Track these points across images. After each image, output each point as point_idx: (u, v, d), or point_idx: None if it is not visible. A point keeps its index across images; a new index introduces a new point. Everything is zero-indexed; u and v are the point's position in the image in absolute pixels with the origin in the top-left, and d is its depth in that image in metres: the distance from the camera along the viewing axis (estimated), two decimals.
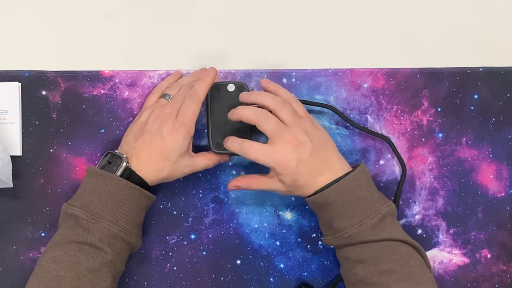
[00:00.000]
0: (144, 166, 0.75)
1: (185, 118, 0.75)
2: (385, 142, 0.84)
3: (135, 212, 0.75)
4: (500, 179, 0.85)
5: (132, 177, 0.74)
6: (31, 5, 0.86)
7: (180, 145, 0.75)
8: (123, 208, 0.73)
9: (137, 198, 0.74)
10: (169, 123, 0.75)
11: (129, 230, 0.74)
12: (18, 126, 0.83)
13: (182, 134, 0.75)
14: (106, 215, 0.72)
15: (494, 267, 0.84)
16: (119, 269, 0.74)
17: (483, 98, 0.86)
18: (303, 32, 0.87)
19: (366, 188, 0.74)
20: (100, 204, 0.73)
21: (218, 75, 0.85)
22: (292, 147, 0.73)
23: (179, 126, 0.75)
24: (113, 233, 0.72)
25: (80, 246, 0.71)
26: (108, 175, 0.74)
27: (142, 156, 0.75)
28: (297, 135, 0.73)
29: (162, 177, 0.76)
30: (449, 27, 0.88)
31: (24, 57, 0.85)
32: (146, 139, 0.76)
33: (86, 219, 0.72)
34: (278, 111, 0.75)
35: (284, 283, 0.83)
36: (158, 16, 0.87)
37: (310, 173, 0.73)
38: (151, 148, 0.75)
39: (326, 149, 0.75)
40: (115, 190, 0.73)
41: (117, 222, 0.73)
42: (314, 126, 0.76)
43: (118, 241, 0.73)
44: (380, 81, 0.86)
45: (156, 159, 0.75)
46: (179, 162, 0.76)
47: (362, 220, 0.72)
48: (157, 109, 0.77)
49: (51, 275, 0.69)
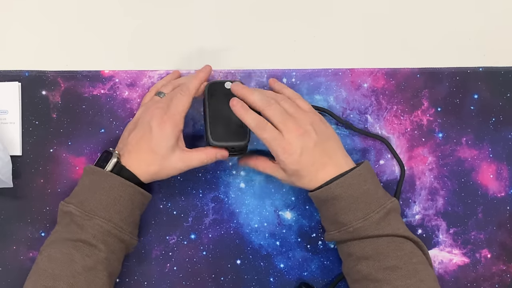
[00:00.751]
0: (134, 161, 0.75)
1: (174, 110, 0.75)
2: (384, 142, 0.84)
3: (129, 209, 0.74)
4: (500, 179, 0.85)
5: (123, 172, 0.74)
6: (31, 5, 0.86)
7: (167, 137, 0.74)
8: (117, 205, 0.73)
9: (131, 195, 0.74)
10: (158, 115, 0.75)
11: (122, 227, 0.73)
12: (18, 126, 0.83)
13: (169, 126, 0.74)
14: (99, 212, 0.72)
15: (494, 267, 0.84)
16: (114, 267, 0.74)
17: (483, 98, 0.86)
18: (303, 32, 0.87)
19: (371, 183, 0.74)
20: (95, 201, 0.72)
21: (218, 75, 0.85)
22: (298, 135, 0.73)
23: (167, 118, 0.74)
24: (107, 230, 0.72)
25: (74, 243, 0.71)
26: (103, 172, 0.74)
27: (132, 151, 0.75)
28: (302, 124, 0.73)
29: (153, 172, 0.75)
30: (449, 27, 0.88)
31: (24, 57, 0.85)
32: (137, 133, 0.76)
33: (80, 215, 0.72)
34: (280, 102, 0.75)
35: (284, 283, 0.83)
36: (158, 16, 0.87)
37: (313, 165, 0.73)
38: (141, 142, 0.75)
39: (330, 141, 0.75)
40: (109, 187, 0.73)
41: (110, 219, 0.72)
42: (320, 120, 0.76)
43: (111, 238, 0.73)
44: (380, 81, 0.86)
45: (144, 153, 0.75)
46: (169, 157, 0.75)
47: (367, 214, 0.72)
48: (150, 104, 0.78)
49: (47, 274, 0.69)
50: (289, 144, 0.72)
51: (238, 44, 0.87)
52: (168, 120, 0.74)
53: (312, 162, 0.73)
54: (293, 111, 0.75)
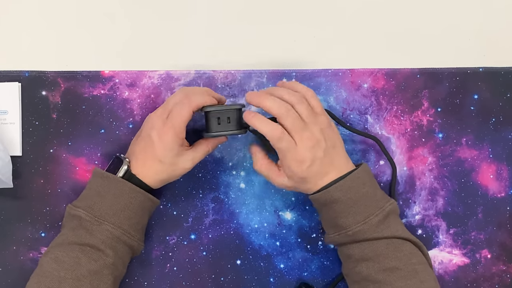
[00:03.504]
0: (141, 169, 0.75)
1: (174, 121, 0.74)
2: (384, 141, 0.84)
3: (139, 215, 0.75)
4: (500, 179, 0.85)
5: (133, 179, 0.74)
6: (31, 5, 0.86)
7: (170, 147, 0.74)
8: (127, 211, 0.73)
9: (141, 202, 0.74)
10: (158, 126, 0.74)
11: (132, 233, 0.74)
12: (18, 126, 0.83)
13: (170, 137, 0.73)
14: (109, 218, 0.72)
15: (494, 267, 0.84)
16: (120, 271, 0.75)
17: (483, 98, 0.86)
18: (303, 32, 0.87)
19: (369, 186, 0.74)
20: (104, 206, 0.73)
21: (218, 75, 0.85)
22: (310, 146, 0.72)
23: (167, 129, 0.74)
24: (116, 236, 0.72)
25: (82, 247, 0.71)
26: (113, 177, 0.74)
27: (139, 160, 0.75)
28: (314, 133, 0.73)
29: (163, 179, 0.76)
30: (449, 27, 0.88)
31: (24, 57, 0.85)
32: (141, 143, 0.76)
33: (89, 220, 0.72)
34: (296, 105, 0.73)
35: (284, 283, 0.83)
36: (158, 16, 0.87)
37: (318, 174, 0.73)
38: (145, 152, 0.75)
39: (335, 149, 0.75)
40: (119, 192, 0.73)
41: (120, 225, 0.73)
42: (329, 124, 0.75)
43: (120, 244, 0.73)
44: (380, 81, 0.86)
45: (151, 163, 0.75)
46: (177, 162, 0.75)
47: (366, 218, 0.72)
48: (152, 112, 0.78)
49: (52, 276, 0.69)
50: (301, 155, 0.72)
51: (238, 44, 0.87)
52: (168, 131, 0.74)
53: (317, 171, 0.73)
54: (306, 115, 0.73)
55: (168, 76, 0.85)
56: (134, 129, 0.83)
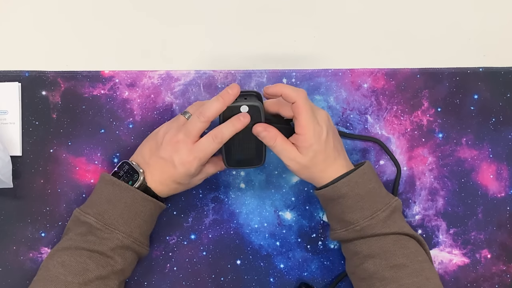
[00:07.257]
0: (157, 185, 0.75)
1: (201, 155, 0.73)
2: (384, 141, 0.84)
3: (149, 223, 0.76)
4: (500, 179, 0.85)
5: (147, 192, 0.75)
6: (31, 6, 0.86)
7: (192, 174, 0.75)
8: (137, 219, 0.73)
9: (152, 210, 0.75)
10: (183, 153, 0.73)
11: (141, 241, 0.75)
12: (18, 126, 0.83)
13: (195, 167, 0.74)
14: (120, 226, 0.72)
15: (494, 267, 0.84)
16: (126, 276, 0.75)
17: (483, 98, 0.86)
18: (303, 32, 0.87)
19: (375, 182, 0.75)
20: (115, 214, 0.73)
21: (218, 75, 0.85)
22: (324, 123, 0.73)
23: (193, 159, 0.73)
24: (126, 244, 0.73)
25: (90, 253, 0.71)
26: (126, 186, 0.74)
27: (156, 176, 0.75)
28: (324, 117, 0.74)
29: (175, 193, 0.78)
30: (449, 27, 0.88)
31: (24, 57, 0.85)
32: (159, 163, 0.75)
33: (100, 228, 0.72)
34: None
35: (284, 283, 0.83)
36: (158, 16, 0.87)
37: (327, 158, 0.73)
38: (164, 173, 0.75)
39: (339, 141, 0.76)
40: (131, 201, 0.73)
41: (131, 233, 0.73)
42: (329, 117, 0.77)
43: (129, 252, 0.73)
44: (380, 81, 0.86)
45: (169, 183, 0.75)
46: (193, 181, 0.77)
47: (374, 213, 0.73)
48: (171, 131, 0.75)
49: (59, 280, 0.69)
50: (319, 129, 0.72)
51: (238, 44, 0.87)
52: (194, 161, 0.73)
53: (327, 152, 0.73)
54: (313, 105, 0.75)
55: (168, 76, 0.85)
56: (134, 129, 0.83)
